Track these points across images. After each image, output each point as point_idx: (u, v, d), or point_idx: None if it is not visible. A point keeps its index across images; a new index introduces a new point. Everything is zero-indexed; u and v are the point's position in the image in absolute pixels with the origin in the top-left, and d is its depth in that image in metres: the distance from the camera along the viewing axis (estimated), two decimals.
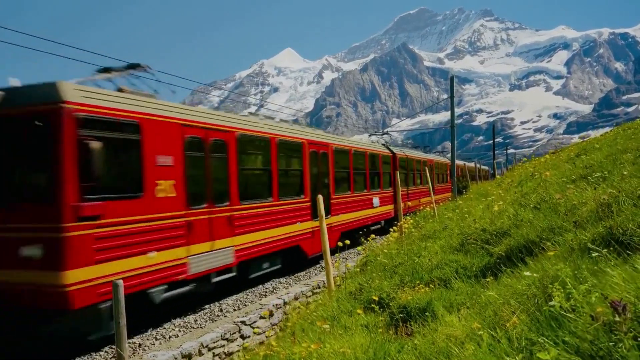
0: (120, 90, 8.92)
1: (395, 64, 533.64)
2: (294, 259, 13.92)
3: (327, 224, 14.42)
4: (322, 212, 8.57)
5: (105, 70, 9.83)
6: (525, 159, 24.15)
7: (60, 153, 7.06)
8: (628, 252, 3.21)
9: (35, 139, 7.46)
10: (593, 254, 3.26)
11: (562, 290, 2.65)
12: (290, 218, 13.05)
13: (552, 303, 2.63)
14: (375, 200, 19.81)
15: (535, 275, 3.15)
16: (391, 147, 23.82)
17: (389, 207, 21.22)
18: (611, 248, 3.30)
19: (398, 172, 18.69)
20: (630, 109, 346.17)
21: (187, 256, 9.29)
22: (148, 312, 9.10)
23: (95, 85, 9.16)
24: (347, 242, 9.72)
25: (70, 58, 11.68)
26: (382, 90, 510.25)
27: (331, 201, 15.65)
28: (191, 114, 9.87)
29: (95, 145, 7.28)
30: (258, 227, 11.62)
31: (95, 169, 7.28)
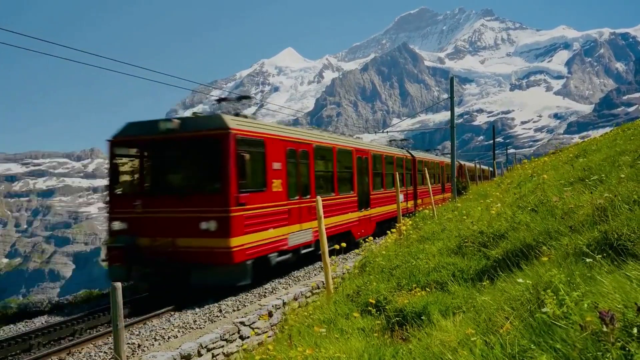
0: (236, 114, 12.32)
1: (396, 63, 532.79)
2: (346, 241, 17.46)
3: (366, 215, 18.67)
4: (321, 212, 8.61)
5: (223, 100, 13.78)
6: (525, 161, 25.30)
7: (228, 162, 10.48)
8: (622, 258, 3.18)
9: (209, 152, 11.12)
10: (587, 260, 3.24)
11: (554, 297, 2.65)
12: (345, 209, 16.56)
13: (544, 310, 2.63)
14: (401, 197, 22.70)
15: (528, 282, 3.14)
16: (411, 152, 27.39)
17: (411, 203, 25.13)
18: (604, 254, 3.28)
19: (397, 173, 21.38)
20: (630, 109, 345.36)
21: (288, 233, 12.73)
22: (268, 271, 12.38)
23: (218, 110, 13.20)
24: (344, 245, 9.80)
25: (66, 59, 11.70)
26: (383, 90, 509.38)
27: (370, 196, 19.06)
28: (288, 131, 13.54)
29: (245, 156, 10.72)
30: (327, 214, 14.65)
31: (244, 171, 10.69)
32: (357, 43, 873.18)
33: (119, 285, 4.64)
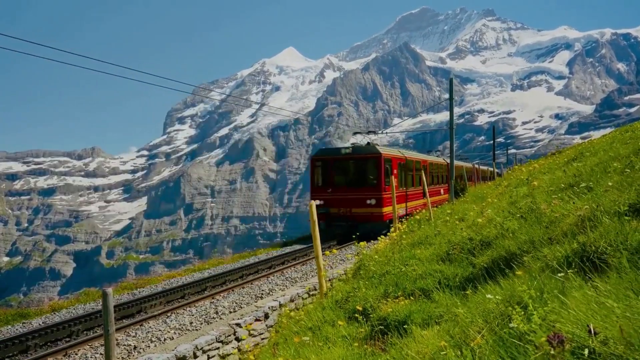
0: (368, 143, 23.40)
1: (397, 63, 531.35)
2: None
3: (424, 202, 27.89)
4: (315, 217, 8.67)
5: (357, 133, 26.60)
6: (517, 166, 28.34)
7: (380, 170, 21.26)
8: (592, 273, 3.21)
9: (370, 165, 21.69)
10: (559, 275, 3.28)
11: (521, 313, 2.71)
12: (417, 197, 26.96)
13: (511, 325, 2.70)
14: (442, 191, 34.68)
15: (497, 297, 3.20)
16: (445, 158, 38.06)
17: (446, 195, 35.29)
18: (576, 268, 3.32)
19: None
20: (632, 110, 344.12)
21: (398, 208, 20.67)
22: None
23: (362, 142, 25.16)
24: (335, 251, 9.91)
25: (65, 62, 11.78)
26: (384, 89, 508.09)
27: (427, 190, 30.24)
28: (395, 152, 24.27)
29: (387, 167, 21.53)
30: (411, 199, 25.45)
31: (386, 174, 21.25)
32: (358, 42, 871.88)
33: (109, 291, 4.73)
